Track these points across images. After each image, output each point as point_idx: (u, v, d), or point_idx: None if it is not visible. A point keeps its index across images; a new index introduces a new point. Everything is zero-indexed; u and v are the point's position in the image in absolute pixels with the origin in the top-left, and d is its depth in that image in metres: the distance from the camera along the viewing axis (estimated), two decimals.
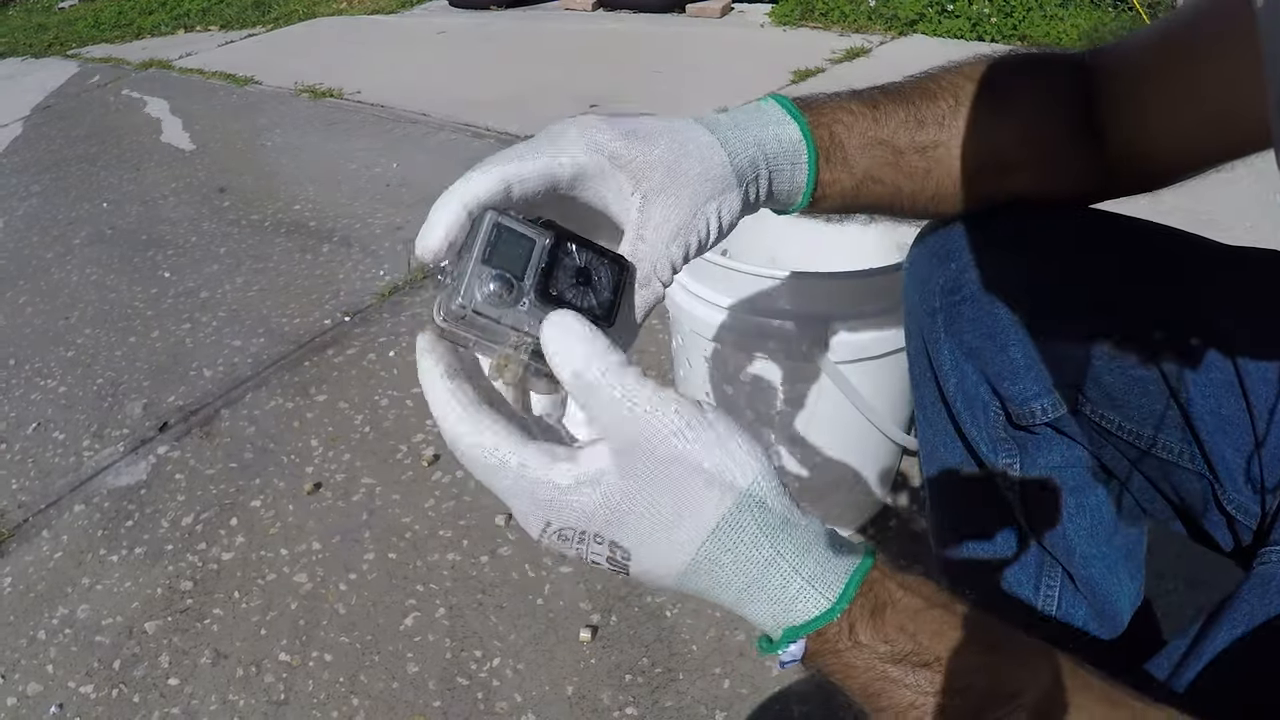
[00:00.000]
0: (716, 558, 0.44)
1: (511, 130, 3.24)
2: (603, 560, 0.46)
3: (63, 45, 6.31)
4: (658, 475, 0.44)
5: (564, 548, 0.46)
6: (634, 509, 0.44)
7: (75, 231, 2.92)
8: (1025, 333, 0.71)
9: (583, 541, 0.45)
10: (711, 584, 0.45)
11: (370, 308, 2.22)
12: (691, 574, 0.45)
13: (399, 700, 1.26)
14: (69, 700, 1.32)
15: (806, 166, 0.59)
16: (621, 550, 0.45)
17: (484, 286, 0.46)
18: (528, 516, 0.46)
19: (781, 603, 0.45)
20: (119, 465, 1.79)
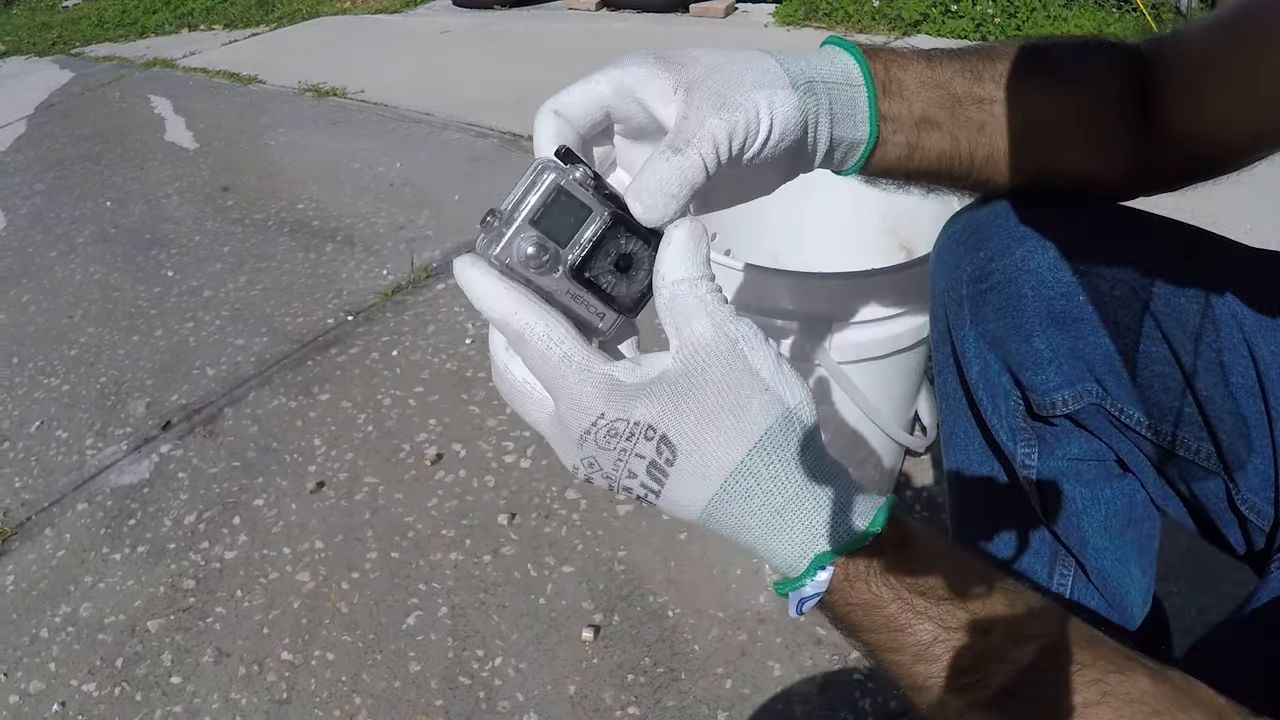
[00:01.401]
0: (757, 471, 0.45)
1: (515, 130, 3.23)
2: (641, 470, 0.46)
3: (66, 44, 6.33)
4: (719, 375, 0.45)
5: (605, 453, 0.46)
6: (691, 403, 0.45)
7: (79, 230, 2.93)
8: (1049, 324, 0.71)
9: (631, 439, 0.45)
10: (745, 506, 0.45)
11: (373, 307, 2.22)
12: (729, 490, 0.45)
13: (401, 699, 1.26)
14: (71, 698, 1.32)
15: (865, 94, 0.58)
16: (669, 450, 0.45)
17: (523, 248, 0.46)
18: (580, 410, 0.46)
19: (813, 527, 0.45)
20: (122, 464, 1.79)
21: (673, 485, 0.46)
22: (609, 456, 0.46)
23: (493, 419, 1.77)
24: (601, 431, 0.45)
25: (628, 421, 0.45)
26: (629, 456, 0.46)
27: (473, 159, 3.08)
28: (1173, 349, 0.67)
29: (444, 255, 2.42)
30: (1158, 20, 3.83)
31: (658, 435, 0.45)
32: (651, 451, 0.45)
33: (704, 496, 0.46)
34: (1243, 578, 1.25)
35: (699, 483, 0.45)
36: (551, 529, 1.50)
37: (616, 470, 0.46)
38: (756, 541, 0.46)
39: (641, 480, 0.46)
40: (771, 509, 0.45)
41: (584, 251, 0.47)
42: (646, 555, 1.44)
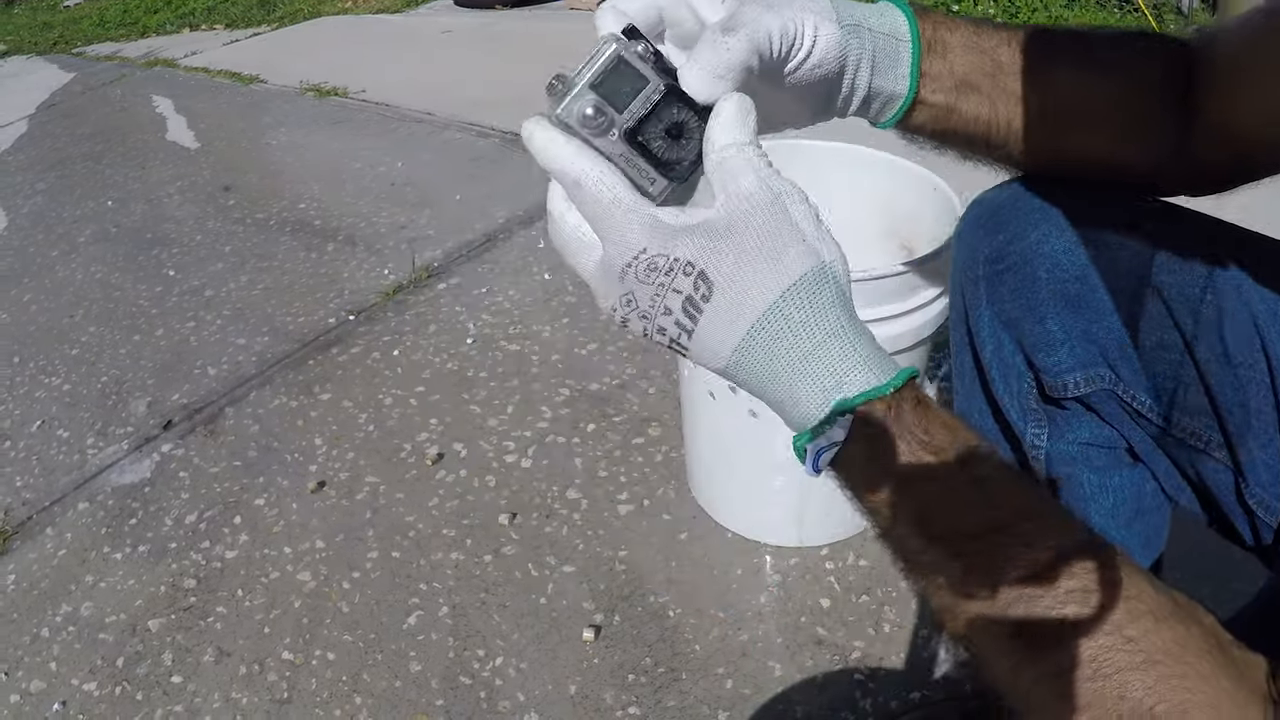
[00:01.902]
0: (789, 314, 0.46)
1: (516, 130, 3.21)
2: (678, 306, 0.47)
3: (68, 44, 6.34)
4: (760, 221, 0.47)
5: (643, 288, 0.48)
6: (730, 243, 0.47)
7: (80, 229, 2.93)
8: (1063, 307, 0.71)
9: (670, 273, 0.47)
10: (774, 348, 0.47)
11: (374, 306, 2.23)
12: (760, 330, 0.46)
13: (401, 699, 1.26)
14: (71, 698, 1.32)
15: (910, 50, 0.60)
16: (705, 286, 0.47)
17: (582, 109, 0.49)
18: (624, 245, 0.48)
19: (837, 375, 0.46)
20: (123, 463, 1.80)
21: (706, 323, 0.47)
22: (647, 291, 0.48)
23: (494, 419, 1.77)
24: (642, 265, 0.47)
25: (668, 257, 0.47)
26: (666, 292, 0.47)
27: (474, 159, 3.08)
28: (1184, 337, 0.67)
29: (445, 255, 2.42)
30: (1159, 20, 3.83)
31: (696, 271, 0.47)
32: (689, 287, 0.47)
33: (735, 336, 0.47)
34: (1251, 572, 1.25)
35: (732, 321, 0.47)
36: (552, 529, 1.50)
37: (653, 306, 0.48)
38: (781, 389, 0.47)
39: (676, 317, 0.48)
40: (799, 353, 0.46)
41: (638, 116, 0.50)
42: (647, 555, 1.44)
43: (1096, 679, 0.42)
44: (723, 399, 1.27)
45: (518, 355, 1.96)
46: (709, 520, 1.48)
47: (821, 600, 1.34)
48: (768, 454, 1.31)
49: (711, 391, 1.28)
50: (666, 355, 1.88)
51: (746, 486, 1.40)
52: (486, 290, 2.23)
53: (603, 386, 1.83)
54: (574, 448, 1.68)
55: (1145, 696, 0.41)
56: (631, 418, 1.73)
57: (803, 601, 1.34)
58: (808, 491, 1.34)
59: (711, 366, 0.49)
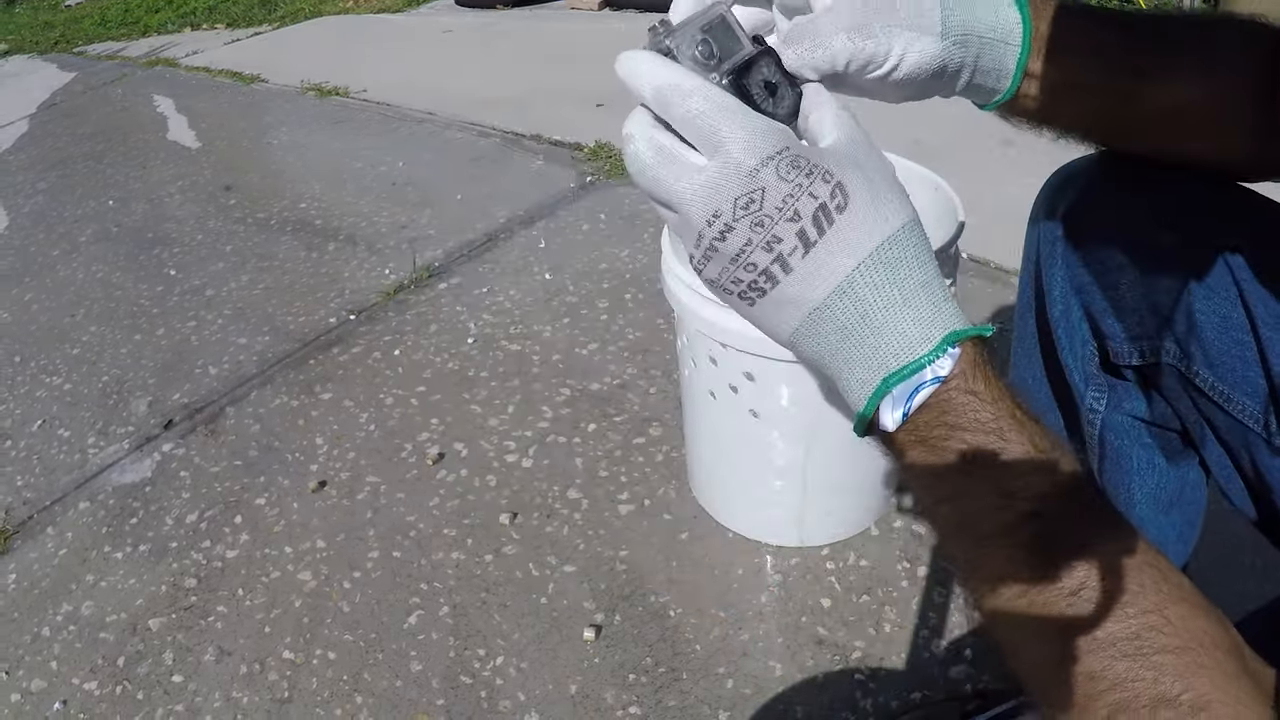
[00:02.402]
0: (905, 244, 0.46)
1: (518, 130, 3.23)
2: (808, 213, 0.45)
3: (69, 43, 6.34)
4: (876, 161, 0.48)
5: (779, 186, 0.45)
6: (862, 166, 0.47)
7: (81, 229, 2.93)
8: (1137, 276, 0.72)
9: (810, 175, 0.45)
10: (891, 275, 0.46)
11: (375, 306, 2.23)
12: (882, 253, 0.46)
13: (402, 699, 1.26)
14: (72, 697, 1.32)
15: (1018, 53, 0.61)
16: (842, 196, 0.45)
17: (693, 46, 0.50)
18: (758, 143, 0.46)
19: (947, 308, 0.46)
20: (124, 462, 1.80)
21: (835, 235, 0.45)
22: (782, 189, 0.45)
23: (495, 419, 1.77)
24: (785, 160, 0.45)
25: (808, 160, 0.46)
26: (803, 194, 0.45)
27: (475, 159, 3.08)
28: (1251, 318, 0.67)
29: (446, 255, 2.42)
30: None
31: (834, 180, 0.45)
32: (826, 193, 0.45)
33: (856, 257, 0.45)
34: (1260, 567, 1.25)
35: (859, 238, 0.45)
36: (553, 529, 1.50)
37: (781, 209, 0.45)
38: (890, 319, 0.46)
39: (803, 226, 0.45)
40: (915, 283, 0.46)
41: (743, 60, 0.51)
42: (648, 555, 1.44)
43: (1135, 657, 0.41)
44: (724, 399, 1.27)
45: (518, 355, 1.96)
46: (710, 520, 1.48)
47: (822, 600, 1.34)
48: (768, 454, 1.31)
49: (712, 391, 1.28)
50: (663, 369, 1.88)
51: (747, 486, 1.40)
52: (487, 290, 2.23)
53: (604, 386, 1.83)
54: (575, 447, 1.68)
55: (1175, 683, 0.40)
56: (632, 418, 1.73)
57: (803, 601, 1.34)
58: (809, 492, 1.34)
59: (805, 298, 0.46)
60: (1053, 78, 0.62)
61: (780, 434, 1.28)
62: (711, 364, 1.24)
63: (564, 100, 3.49)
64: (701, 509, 1.50)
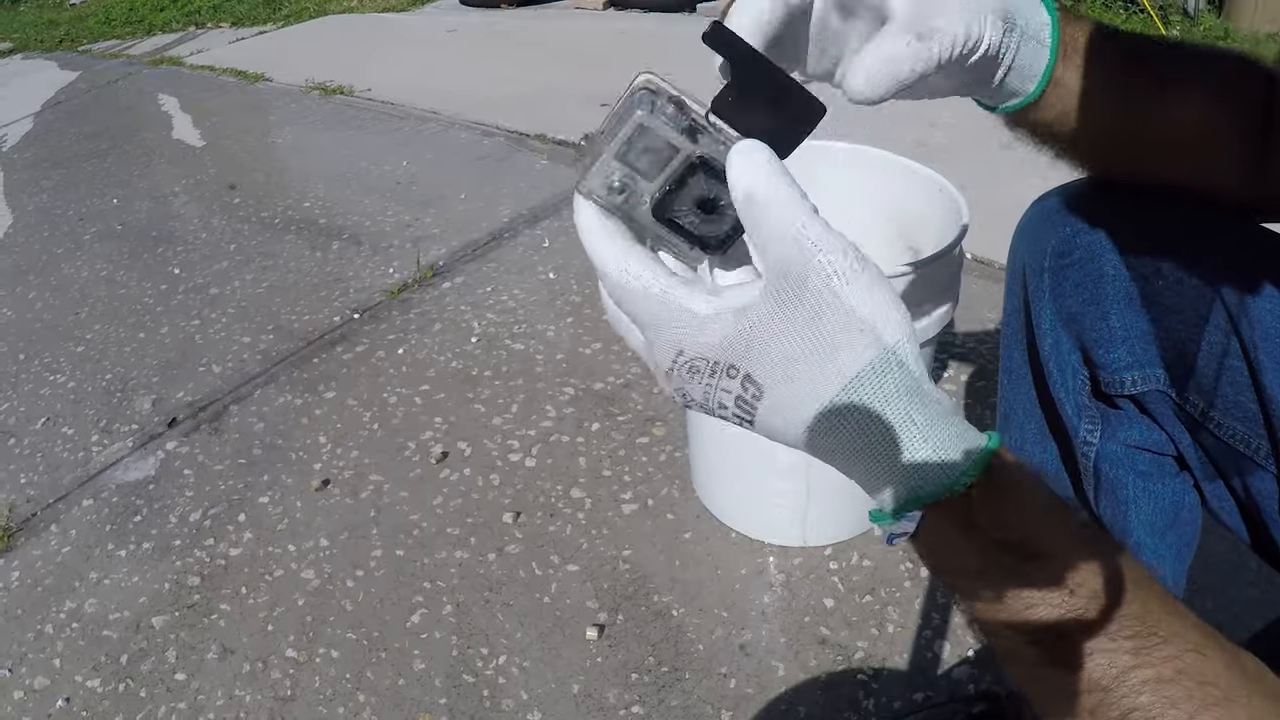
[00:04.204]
0: (848, 410, 0.43)
1: (522, 129, 3.23)
2: (730, 402, 0.45)
3: (74, 41, 6.34)
4: (808, 311, 0.42)
5: (692, 385, 0.45)
6: (775, 342, 0.43)
7: (85, 227, 2.93)
8: (1126, 304, 0.72)
9: (714, 375, 0.45)
10: (837, 440, 0.44)
11: (379, 305, 2.23)
12: (820, 425, 0.43)
13: (405, 697, 1.26)
14: (75, 694, 1.32)
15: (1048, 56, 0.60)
16: (754, 387, 0.44)
17: (608, 180, 0.46)
18: (661, 346, 0.46)
19: (904, 470, 0.43)
20: (127, 460, 1.80)
21: (763, 418, 0.45)
22: (697, 389, 0.46)
23: (498, 418, 1.77)
24: (683, 368, 0.45)
25: (707, 360, 0.45)
26: (715, 390, 0.45)
27: (479, 158, 3.08)
28: (1242, 343, 0.67)
29: (450, 254, 2.43)
30: (1165, 22, 3.82)
31: (740, 374, 0.44)
32: (737, 388, 0.44)
33: (795, 429, 0.44)
34: (1251, 582, 1.25)
35: (787, 417, 0.44)
36: (556, 528, 1.50)
37: (707, 400, 0.46)
38: (853, 473, 0.45)
39: (733, 410, 0.45)
40: (864, 446, 0.43)
41: (661, 193, 0.46)
42: (651, 555, 1.44)
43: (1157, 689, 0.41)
44: None
45: (522, 354, 1.97)
46: (713, 520, 1.48)
47: (825, 600, 1.33)
48: (771, 455, 1.31)
49: None
50: None
51: (750, 487, 1.40)
52: (491, 289, 2.23)
53: (607, 386, 1.83)
54: (578, 447, 1.68)
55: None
56: (636, 417, 1.73)
57: (806, 601, 1.34)
58: (812, 492, 1.34)
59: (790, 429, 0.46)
60: (1074, 87, 0.62)
61: None
62: None
63: (568, 99, 3.49)
64: (704, 509, 1.50)
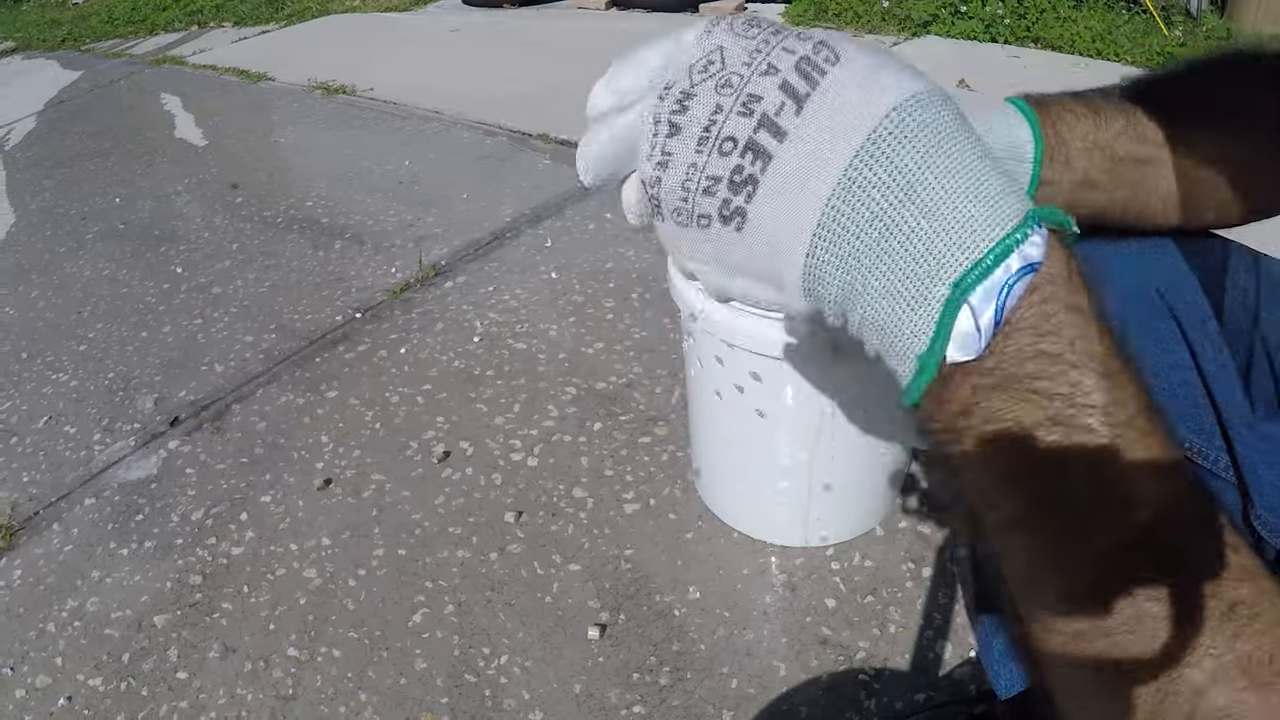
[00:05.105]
0: (931, 107, 0.33)
1: (524, 129, 3.23)
2: (789, 65, 0.34)
3: (76, 41, 6.35)
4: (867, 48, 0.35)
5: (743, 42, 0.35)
6: (854, 41, 0.35)
7: (88, 226, 2.93)
8: None
9: (780, 33, 0.35)
10: (925, 144, 0.33)
11: (381, 304, 2.23)
12: (906, 113, 0.33)
13: (406, 697, 1.26)
14: (77, 693, 1.32)
15: (1031, 164, 0.60)
16: (829, 50, 0.34)
17: None
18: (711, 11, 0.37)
19: (1013, 190, 0.33)
20: (129, 459, 1.80)
21: (832, 86, 0.33)
22: (745, 44, 0.35)
23: (500, 417, 1.77)
24: (741, 19, 0.36)
25: (771, 22, 0.36)
26: (774, 49, 0.34)
27: (482, 157, 3.08)
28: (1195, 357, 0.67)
29: (452, 253, 2.43)
30: (1167, 22, 3.82)
31: (814, 38, 0.35)
32: (808, 49, 0.34)
33: (875, 111, 0.33)
34: None
35: (868, 90, 0.33)
36: (558, 527, 1.50)
37: (750, 66, 0.34)
38: (948, 192, 0.32)
39: (784, 78, 0.34)
40: (966, 150, 0.33)
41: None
42: (653, 554, 1.44)
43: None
44: (730, 399, 1.27)
45: (524, 354, 1.96)
46: (715, 520, 1.48)
47: (827, 600, 1.33)
48: (774, 454, 1.31)
49: (718, 391, 1.28)
50: (668, 368, 1.87)
51: (753, 486, 1.40)
52: (493, 289, 2.23)
53: (609, 385, 1.83)
54: (580, 446, 1.68)
55: None
56: (638, 417, 1.73)
57: (808, 601, 1.33)
58: (813, 492, 1.34)
59: (821, 174, 0.33)
60: (1066, 182, 0.62)
61: (786, 434, 1.28)
62: (718, 363, 1.24)
63: (571, 99, 3.49)
64: (706, 508, 1.50)
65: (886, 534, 1.43)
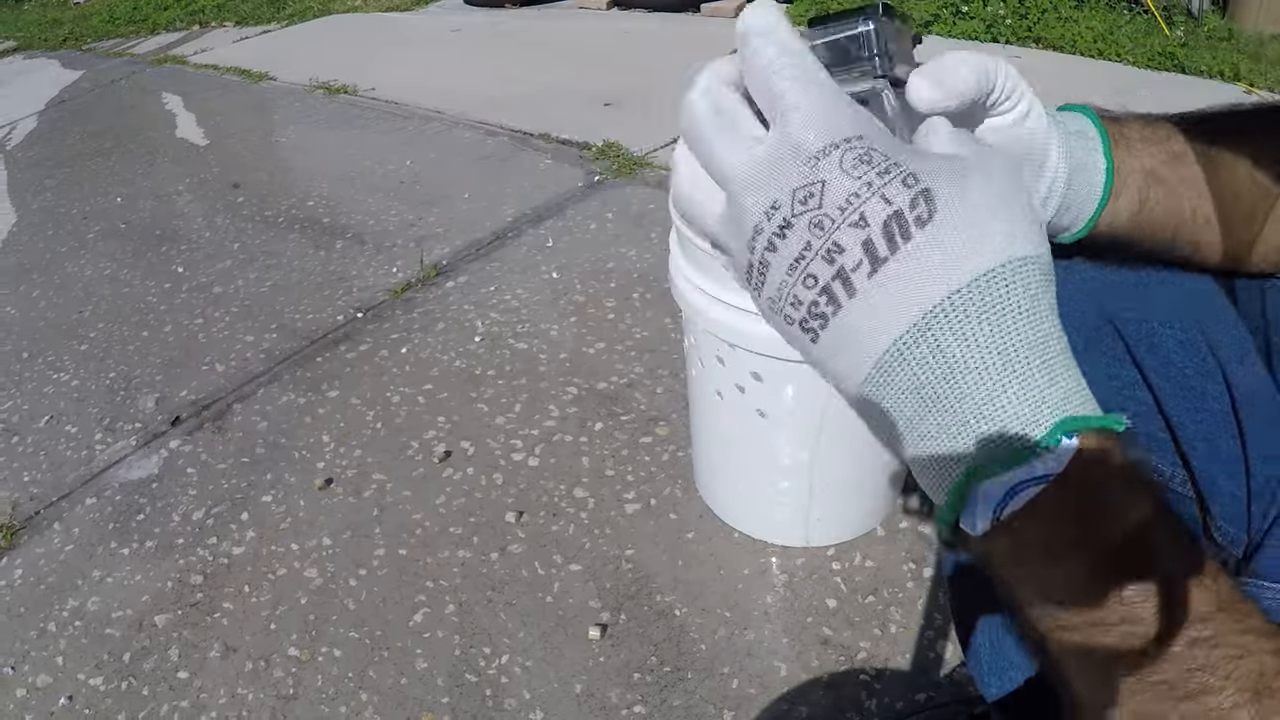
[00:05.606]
0: (1015, 285, 0.34)
1: (526, 128, 3.23)
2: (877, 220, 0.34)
3: (77, 40, 6.35)
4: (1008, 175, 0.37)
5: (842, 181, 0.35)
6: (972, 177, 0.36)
7: (89, 226, 2.94)
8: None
9: (885, 174, 0.35)
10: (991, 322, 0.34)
11: (383, 304, 2.23)
12: (981, 290, 0.34)
13: (407, 696, 1.26)
14: (78, 692, 1.32)
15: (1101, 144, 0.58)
16: (926, 206, 0.34)
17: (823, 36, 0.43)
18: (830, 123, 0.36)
19: (1063, 382, 0.35)
20: (131, 459, 1.80)
21: (912, 254, 0.34)
22: (846, 185, 0.35)
23: (501, 417, 1.77)
24: (855, 152, 0.35)
25: (887, 156, 0.35)
26: (872, 195, 0.35)
27: (483, 157, 3.08)
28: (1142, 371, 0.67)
29: (453, 253, 2.43)
30: (1169, 22, 3.82)
31: (919, 186, 0.35)
32: (904, 199, 0.34)
33: (940, 290, 0.34)
34: None
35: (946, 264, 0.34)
36: (559, 527, 1.50)
37: (843, 212, 0.35)
38: (984, 386, 0.34)
39: (870, 235, 0.34)
40: (1023, 340, 0.34)
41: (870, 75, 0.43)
42: (654, 555, 1.44)
43: None
44: (731, 399, 1.27)
45: (526, 354, 1.97)
46: (715, 520, 1.48)
47: (828, 600, 1.33)
48: (775, 454, 1.31)
49: (719, 391, 1.28)
50: (669, 368, 1.88)
51: (753, 486, 1.40)
52: (495, 289, 2.23)
53: (610, 385, 1.83)
54: (581, 446, 1.68)
55: None
56: (639, 417, 1.73)
57: (809, 602, 1.33)
58: (814, 492, 1.34)
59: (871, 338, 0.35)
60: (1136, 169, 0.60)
61: (787, 434, 1.28)
62: (719, 363, 1.24)
63: (572, 99, 3.50)
64: (707, 508, 1.50)
65: (887, 534, 1.43)
